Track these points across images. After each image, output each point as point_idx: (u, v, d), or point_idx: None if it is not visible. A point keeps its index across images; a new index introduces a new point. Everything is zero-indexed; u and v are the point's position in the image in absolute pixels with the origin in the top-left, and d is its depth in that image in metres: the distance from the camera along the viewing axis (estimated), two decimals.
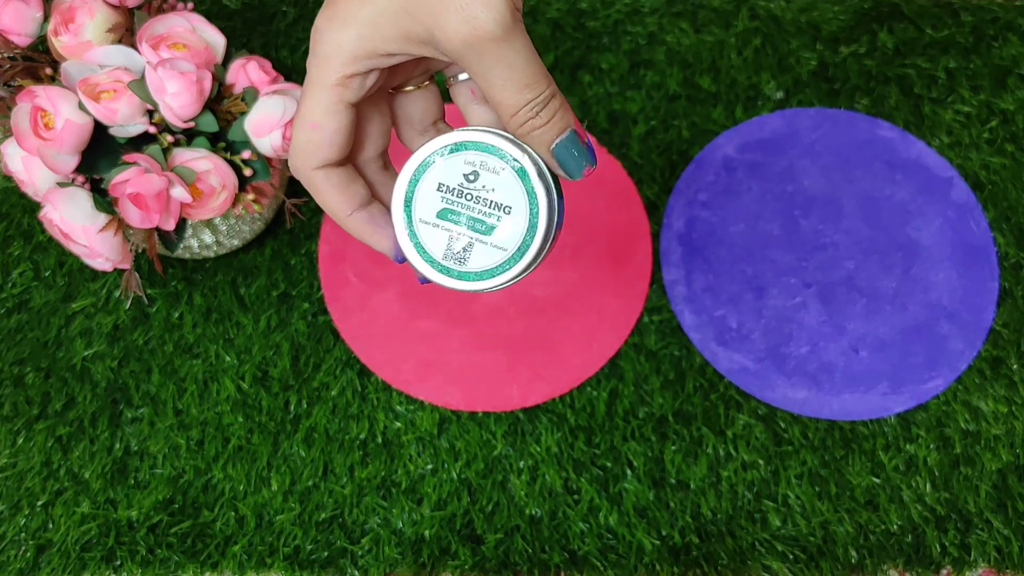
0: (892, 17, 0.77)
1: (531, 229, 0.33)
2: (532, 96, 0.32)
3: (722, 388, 0.68)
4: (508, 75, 0.31)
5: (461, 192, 0.33)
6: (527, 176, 0.32)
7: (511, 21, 0.30)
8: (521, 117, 0.32)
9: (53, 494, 0.65)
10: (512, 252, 0.33)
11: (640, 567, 0.63)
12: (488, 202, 0.33)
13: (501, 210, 0.33)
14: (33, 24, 0.57)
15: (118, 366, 0.67)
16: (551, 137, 0.33)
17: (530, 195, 0.33)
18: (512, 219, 0.33)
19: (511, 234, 0.33)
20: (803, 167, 0.73)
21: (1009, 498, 0.65)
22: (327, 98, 0.33)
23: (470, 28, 0.30)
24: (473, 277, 0.34)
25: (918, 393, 0.67)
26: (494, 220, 0.33)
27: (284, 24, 0.76)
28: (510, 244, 0.33)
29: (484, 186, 0.33)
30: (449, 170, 0.33)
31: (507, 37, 0.30)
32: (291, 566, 0.63)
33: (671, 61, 0.75)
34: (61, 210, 0.55)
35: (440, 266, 0.34)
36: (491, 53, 0.31)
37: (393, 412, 0.67)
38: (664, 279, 0.70)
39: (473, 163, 0.33)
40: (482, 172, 0.33)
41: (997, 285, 0.70)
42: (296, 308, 0.69)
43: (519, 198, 0.33)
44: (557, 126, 0.33)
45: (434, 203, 0.33)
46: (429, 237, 0.34)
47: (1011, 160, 0.73)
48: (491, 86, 0.32)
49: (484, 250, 0.33)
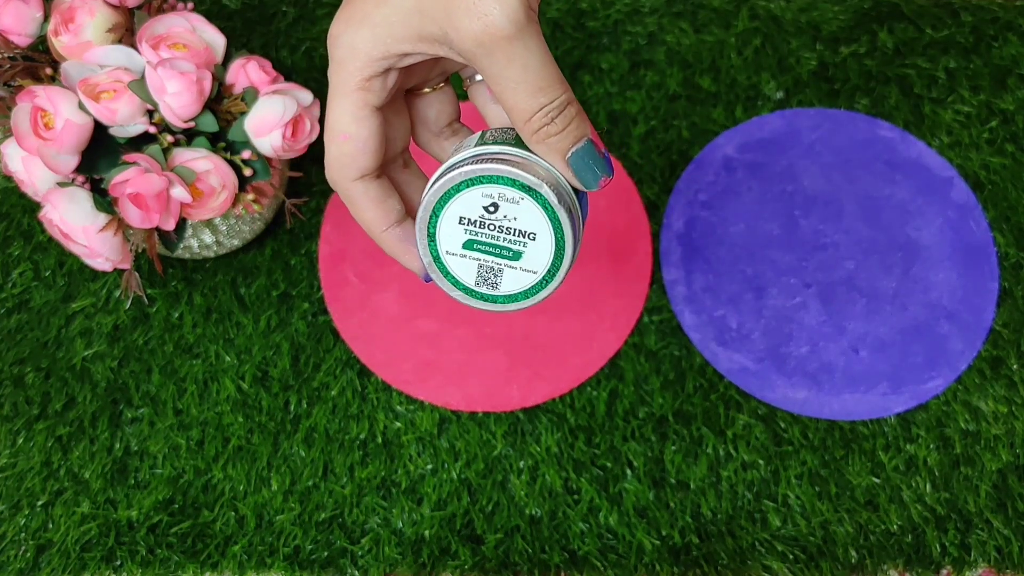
0: (892, 17, 0.77)
1: (558, 252, 0.33)
2: (546, 101, 0.31)
3: (722, 388, 0.68)
4: (521, 76, 0.30)
5: (483, 223, 0.33)
6: (548, 204, 0.32)
7: (525, 20, 0.29)
8: (535, 123, 0.31)
9: (53, 494, 0.65)
10: (542, 274, 0.33)
11: (640, 567, 0.63)
12: (512, 230, 0.33)
13: (526, 236, 0.33)
14: (33, 24, 0.57)
15: (118, 366, 0.67)
16: (566, 146, 0.32)
17: (552, 220, 0.32)
18: (538, 244, 0.33)
19: (539, 258, 0.33)
20: (803, 167, 0.73)
21: (1009, 498, 0.65)
22: (351, 105, 0.33)
23: (482, 25, 0.29)
24: (506, 300, 0.34)
25: (918, 393, 0.67)
26: (520, 247, 0.33)
27: (284, 24, 0.76)
28: (539, 267, 0.33)
29: (506, 216, 0.32)
30: (468, 203, 0.32)
31: (520, 36, 0.30)
32: (291, 566, 0.63)
33: (671, 61, 0.75)
34: (61, 210, 0.55)
35: (474, 292, 0.34)
36: (503, 52, 0.30)
37: (393, 412, 0.67)
38: (664, 279, 0.70)
39: (491, 195, 0.32)
40: (501, 203, 0.32)
41: (997, 285, 0.70)
42: (296, 308, 0.69)
43: (542, 224, 0.32)
44: (573, 135, 0.32)
45: (458, 235, 0.33)
46: (459, 266, 0.34)
47: (1011, 160, 0.73)
48: (504, 88, 0.31)
49: (514, 274, 0.34)
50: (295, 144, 0.59)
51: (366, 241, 0.70)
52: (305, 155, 0.72)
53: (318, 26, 0.76)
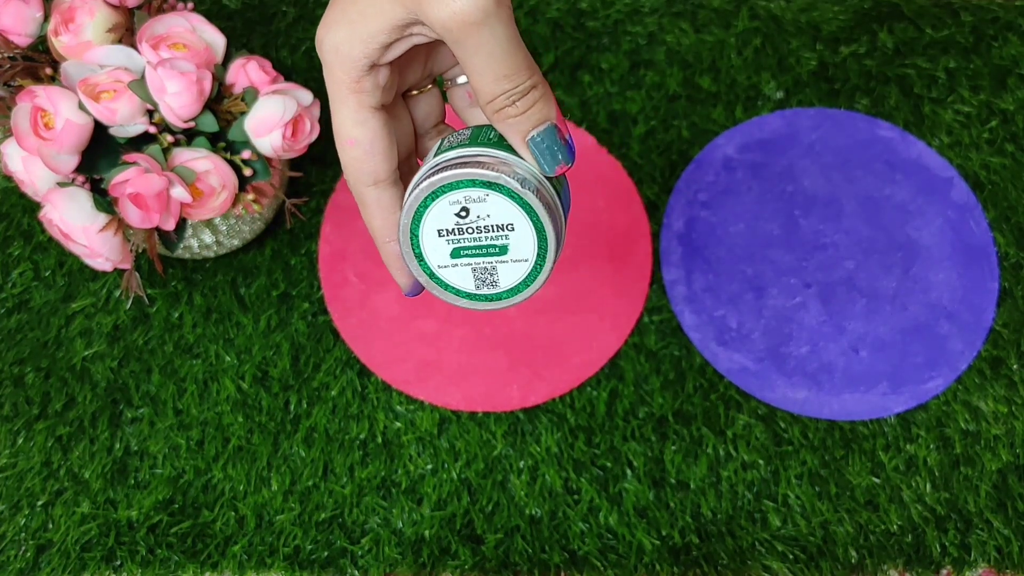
0: (892, 17, 0.77)
1: (540, 234, 0.33)
2: (510, 87, 0.31)
3: (722, 388, 0.68)
4: (487, 63, 0.31)
5: (461, 229, 0.33)
6: (513, 193, 0.32)
7: (493, 6, 0.30)
8: (497, 104, 0.32)
9: (53, 494, 0.65)
10: (534, 260, 0.34)
11: (640, 567, 0.63)
12: (490, 227, 0.33)
13: (505, 229, 0.33)
14: (33, 24, 0.57)
15: (118, 366, 0.67)
16: (527, 128, 0.32)
17: (523, 207, 0.33)
18: (519, 233, 0.33)
19: (525, 245, 0.34)
20: (803, 167, 0.73)
21: (1009, 498, 0.65)
22: (349, 109, 0.33)
23: (449, 12, 0.30)
24: (509, 294, 0.35)
25: (918, 393, 0.67)
26: (504, 240, 0.33)
27: (284, 24, 0.76)
28: (528, 253, 0.34)
29: (478, 216, 0.33)
30: (440, 215, 0.33)
31: (487, 22, 0.30)
32: (291, 566, 0.63)
33: (671, 61, 0.75)
34: (61, 210, 0.55)
35: (476, 296, 0.35)
36: (471, 38, 0.30)
37: (393, 412, 0.67)
38: (664, 279, 0.70)
39: (458, 200, 0.33)
40: (470, 205, 0.33)
41: (997, 285, 0.70)
42: (296, 308, 0.69)
43: (515, 213, 0.33)
44: (533, 118, 0.32)
45: (443, 248, 0.34)
46: (454, 276, 0.34)
47: (1011, 160, 0.73)
48: (471, 72, 0.31)
49: (508, 267, 0.34)
50: (295, 144, 0.59)
51: (366, 241, 0.70)
52: (305, 155, 0.72)
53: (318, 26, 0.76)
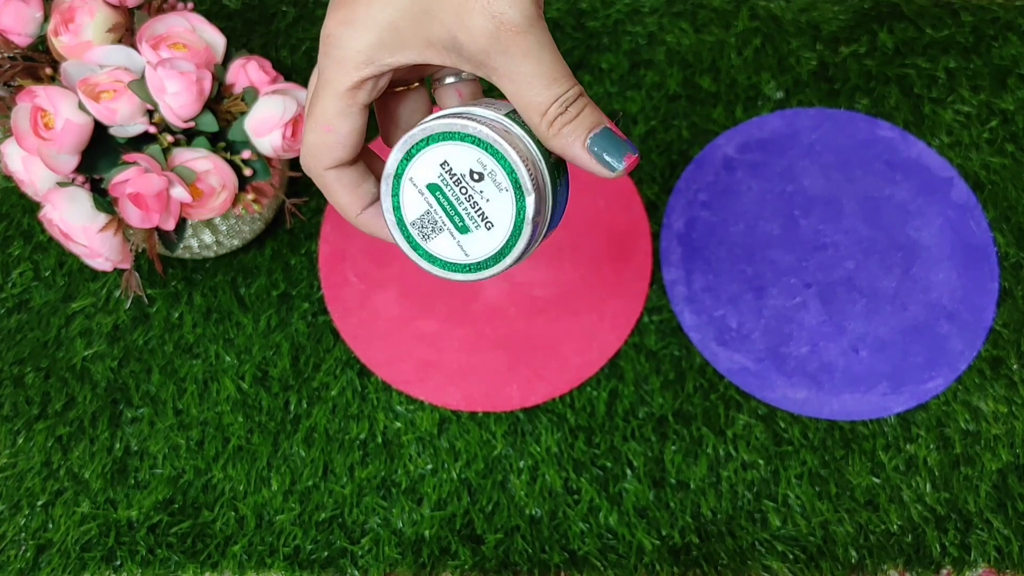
0: (892, 17, 0.77)
1: (498, 256, 0.33)
2: (561, 91, 0.31)
3: (722, 388, 0.68)
4: (536, 69, 0.31)
5: (460, 182, 0.32)
6: (524, 211, 0.32)
7: (535, 14, 0.30)
8: (552, 114, 0.32)
9: (53, 494, 0.65)
10: (472, 262, 0.33)
11: (640, 567, 0.63)
12: (477, 207, 0.32)
13: (484, 222, 0.32)
14: (33, 24, 0.57)
15: (118, 366, 0.67)
16: (584, 133, 0.32)
17: (516, 228, 0.32)
18: (489, 235, 0.32)
19: (480, 246, 0.33)
20: (803, 167, 0.73)
21: (1009, 498, 0.65)
22: (341, 102, 0.33)
23: (496, 23, 0.30)
24: (425, 256, 0.33)
25: (918, 393, 0.67)
26: (473, 225, 0.32)
27: (284, 24, 0.76)
28: (474, 254, 0.33)
29: (483, 192, 0.32)
30: (461, 156, 0.32)
31: (532, 30, 0.30)
32: (291, 566, 0.63)
33: (671, 61, 0.75)
34: (61, 210, 0.55)
35: (404, 228, 0.33)
36: (518, 47, 0.30)
37: (393, 412, 0.67)
38: (664, 279, 0.70)
39: (485, 166, 0.32)
40: (488, 179, 0.32)
41: (997, 285, 0.70)
42: (296, 308, 0.69)
43: (506, 223, 0.32)
44: (588, 121, 0.32)
45: (430, 173, 0.32)
46: (409, 198, 0.33)
47: (1011, 160, 0.73)
48: (518, 85, 0.31)
49: (449, 242, 0.33)
50: (295, 144, 0.59)
51: (366, 241, 0.70)
52: None
53: (318, 26, 0.76)
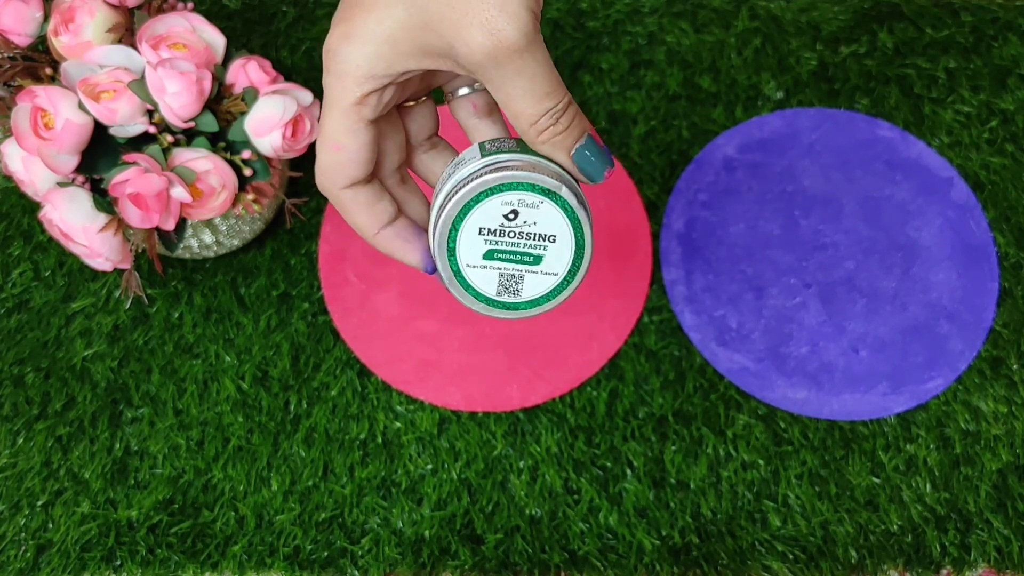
0: (892, 17, 0.77)
1: (578, 251, 0.34)
2: (551, 105, 0.32)
3: (722, 388, 0.68)
4: (529, 85, 0.32)
5: (504, 231, 0.33)
6: (568, 205, 0.33)
7: (533, 32, 0.31)
8: (541, 125, 0.33)
9: (53, 494, 0.65)
10: (563, 275, 0.34)
11: (640, 567, 0.63)
12: (532, 235, 0.33)
13: (546, 240, 0.33)
14: (33, 24, 0.57)
15: (118, 366, 0.67)
16: (571, 143, 0.33)
17: (572, 220, 0.33)
18: (558, 246, 0.33)
19: (559, 260, 0.34)
20: (803, 167, 0.73)
21: (1009, 498, 0.65)
22: (347, 120, 0.33)
23: (494, 41, 0.30)
24: (528, 305, 0.35)
25: (918, 393, 0.67)
26: (540, 251, 0.33)
27: (284, 24, 0.76)
28: (559, 268, 0.34)
29: (525, 221, 0.33)
30: (488, 213, 0.33)
31: (529, 48, 0.31)
32: (291, 566, 0.63)
33: (671, 61, 0.75)
34: (61, 210, 0.55)
35: (495, 302, 0.35)
36: (513, 64, 0.31)
37: (393, 412, 0.67)
38: (664, 279, 0.70)
39: (511, 202, 0.33)
40: (521, 209, 0.33)
41: (997, 285, 0.70)
42: (296, 308, 0.69)
43: (562, 225, 0.33)
44: (575, 132, 0.33)
45: (479, 247, 0.33)
46: (479, 278, 0.34)
47: (1011, 160, 0.73)
48: (510, 97, 0.32)
49: (535, 279, 0.34)
50: (295, 144, 0.59)
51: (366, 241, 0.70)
52: (305, 155, 0.72)
53: (318, 26, 0.76)
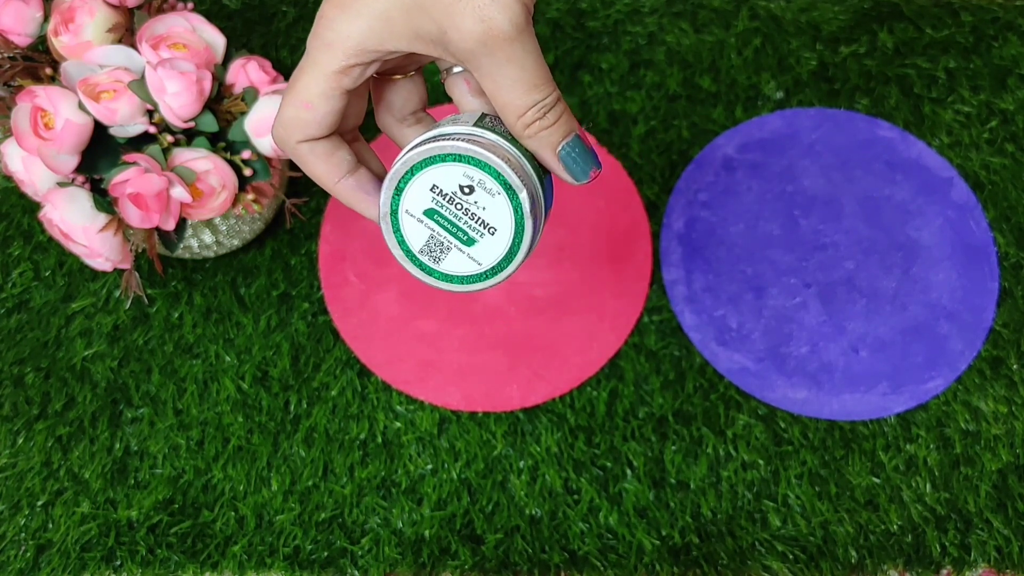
0: (892, 17, 0.77)
1: (509, 255, 0.34)
2: (540, 97, 0.33)
3: (722, 388, 0.68)
4: (518, 75, 0.32)
5: (453, 200, 0.33)
6: (520, 208, 0.33)
7: (524, 23, 0.31)
8: (529, 118, 0.33)
9: (53, 494, 0.65)
10: (486, 268, 0.34)
11: (640, 567, 0.63)
12: (476, 217, 0.33)
13: (486, 229, 0.33)
14: (33, 24, 0.57)
15: (118, 366, 0.67)
16: (557, 139, 0.34)
17: (517, 224, 0.33)
18: (495, 240, 0.34)
19: (489, 253, 0.34)
20: (803, 167, 0.73)
21: (1009, 498, 0.65)
22: (325, 84, 0.33)
23: (485, 28, 0.31)
24: (442, 277, 0.35)
25: (918, 393, 0.67)
26: (477, 235, 0.34)
27: (284, 24, 0.76)
28: (486, 261, 0.34)
29: (476, 202, 0.33)
30: (447, 176, 0.33)
31: (519, 38, 0.31)
32: (291, 566, 0.63)
33: (671, 61, 0.75)
34: (61, 210, 0.55)
35: (414, 258, 0.35)
36: (503, 52, 0.31)
37: (393, 412, 0.67)
38: (664, 279, 0.70)
39: (472, 178, 0.33)
40: (479, 189, 0.33)
41: (997, 285, 0.70)
42: (296, 308, 0.69)
43: (506, 224, 0.33)
44: (563, 128, 0.34)
45: (424, 201, 0.34)
46: (411, 228, 0.34)
47: (1011, 160, 0.73)
48: (499, 87, 0.32)
49: (460, 257, 0.34)
50: None
51: (366, 241, 0.70)
52: None
53: None
